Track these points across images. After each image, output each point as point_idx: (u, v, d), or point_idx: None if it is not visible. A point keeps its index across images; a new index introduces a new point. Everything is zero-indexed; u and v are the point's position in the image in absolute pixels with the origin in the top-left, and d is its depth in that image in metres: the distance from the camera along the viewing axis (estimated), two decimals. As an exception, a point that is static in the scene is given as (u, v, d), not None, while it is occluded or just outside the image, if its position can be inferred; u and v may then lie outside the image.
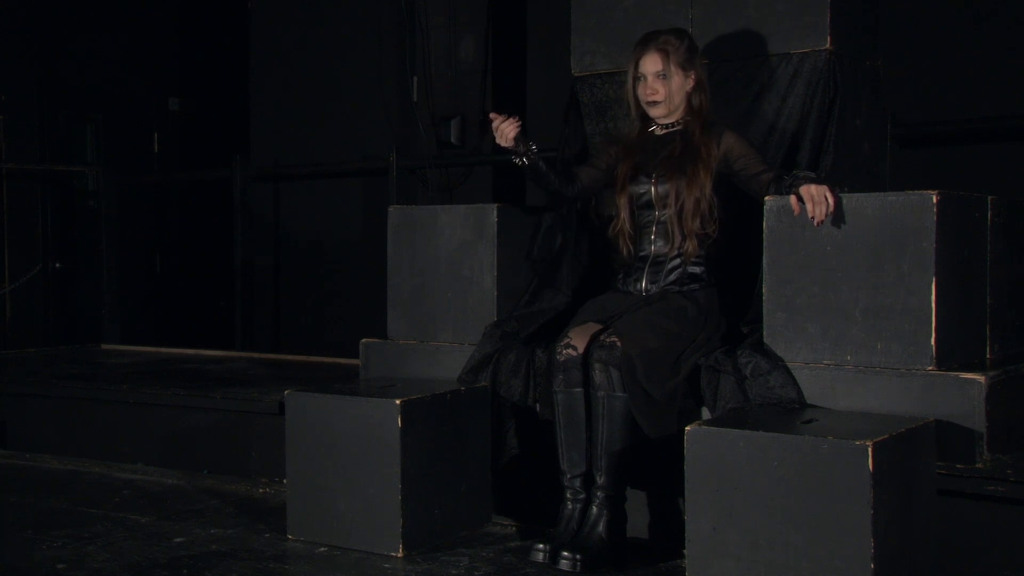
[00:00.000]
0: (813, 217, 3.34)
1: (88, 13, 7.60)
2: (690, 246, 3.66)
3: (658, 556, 3.50)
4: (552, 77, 5.76)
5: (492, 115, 3.66)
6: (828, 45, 4.00)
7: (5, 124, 7.11)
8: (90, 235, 7.56)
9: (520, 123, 3.64)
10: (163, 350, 6.81)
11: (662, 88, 3.71)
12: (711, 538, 2.98)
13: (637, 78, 3.76)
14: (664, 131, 3.80)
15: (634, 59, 3.77)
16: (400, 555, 3.55)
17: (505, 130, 3.61)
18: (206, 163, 8.14)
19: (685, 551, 3.06)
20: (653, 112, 3.77)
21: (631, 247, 3.78)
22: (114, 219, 7.69)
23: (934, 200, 3.27)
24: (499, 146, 3.68)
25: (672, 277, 3.69)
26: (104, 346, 7.08)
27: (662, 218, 3.72)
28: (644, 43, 3.75)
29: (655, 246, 3.74)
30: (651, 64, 3.72)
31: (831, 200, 3.33)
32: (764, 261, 3.53)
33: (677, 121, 3.78)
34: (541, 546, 3.40)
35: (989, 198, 3.67)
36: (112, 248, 7.63)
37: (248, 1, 7.86)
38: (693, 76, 3.74)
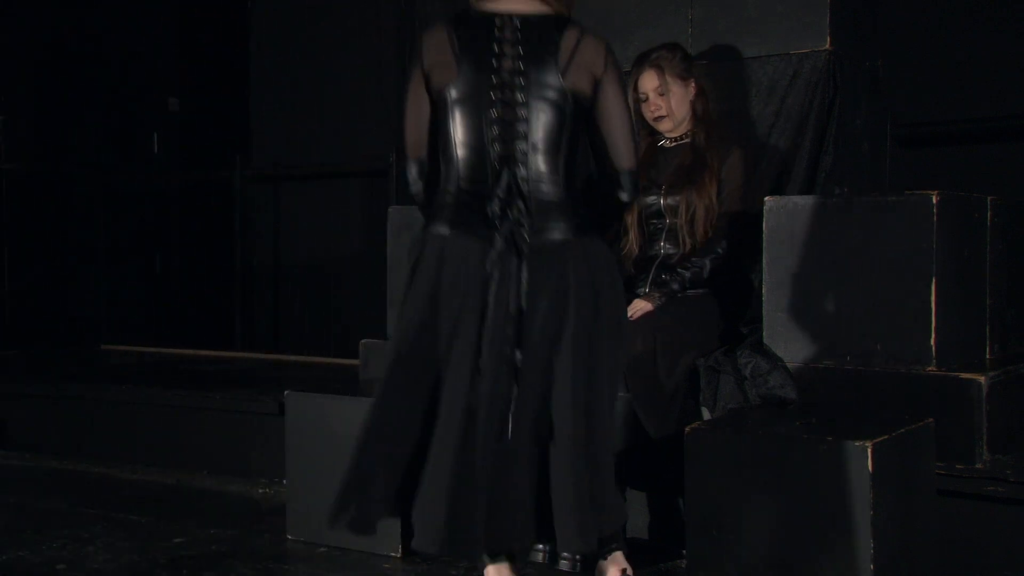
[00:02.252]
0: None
1: (88, 13, 7.58)
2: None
3: (658, 556, 3.50)
4: (552, 77, 5.75)
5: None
6: (828, 45, 4.00)
7: (5, 124, 7.10)
8: (90, 235, 7.54)
9: None
10: (163, 350, 6.81)
11: (664, 103, 3.73)
12: (711, 538, 2.98)
13: (639, 99, 3.77)
14: (673, 143, 3.81)
15: (632, 80, 3.78)
16: (400, 555, 3.55)
17: None
18: (206, 163, 8.13)
19: (685, 551, 3.06)
20: (661, 127, 3.78)
21: (634, 270, 3.79)
22: (113, 219, 7.69)
23: (934, 200, 3.27)
24: None
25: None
26: (104, 346, 7.08)
27: (672, 225, 3.72)
28: (639, 63, 3.78)
29: (664, 249, 3.74)
30: (649, 81, 3.73)
31: (636, 316, 3.47)
32: (764, 261, 3.53)
33: (686, 133, 3.78)
34: (541, 546, 3.39)
35: (989, 198, 3.67)
36: (111, 248, 7.63)
37: (248, 1, 7.85)
38: (693, 84, 3.76)
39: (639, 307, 3.52)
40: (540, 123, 2.33)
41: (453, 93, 2.37)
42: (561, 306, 2.28)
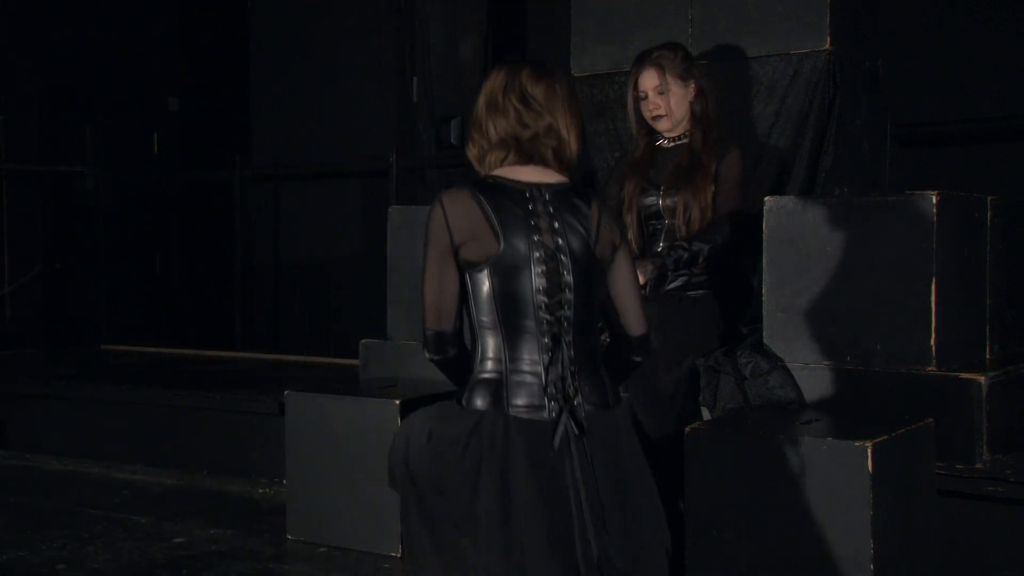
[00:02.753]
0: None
1: (88, 13, 7.58)
2: None
3: (658, 556, 3.50)
4: (552, 77, 5.75)
5: None
6: (828, 45, 4.00)
7: (5, 124, 7.10)
8: (90, 235, 7.54)
9: None
10: (163, 350, 6.81)
11: (663, 102, 3.71)
12: (711, 538, 2.98)
13: (638, 97, 3.76)
14: (672, 144, 3.79)
15: (632, 79, 3.77)
16: (400, 555, 3.55)
17: None
18: (206, 163, 8.13)
19: (685, 551, 3.06)
20: (659, 126, 3.77)
21: None
22: (113, 219, 7.69)
23: (934, 200, 3.27)
24: None
25: (678, 282, 3.69)
26: (104, 346, 7.08)
27: (671, 226, 3.72)
28: (639, 61, 3.76)
29: (663, 250, 3.74)
30: (649, 80, 3.72)
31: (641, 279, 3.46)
32: (764, 261, 3.53)
33: (684, 134, 3.77)
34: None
35: (989, 198, 3.67)
36: (111, 248, 7.63)
37: (248, 1, 7.85)
38: (693, 85, 3.74)
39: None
40: (581, 294, 2.34)
41: (495, 265, 2.30)
42: (621, 476, 2.32)
